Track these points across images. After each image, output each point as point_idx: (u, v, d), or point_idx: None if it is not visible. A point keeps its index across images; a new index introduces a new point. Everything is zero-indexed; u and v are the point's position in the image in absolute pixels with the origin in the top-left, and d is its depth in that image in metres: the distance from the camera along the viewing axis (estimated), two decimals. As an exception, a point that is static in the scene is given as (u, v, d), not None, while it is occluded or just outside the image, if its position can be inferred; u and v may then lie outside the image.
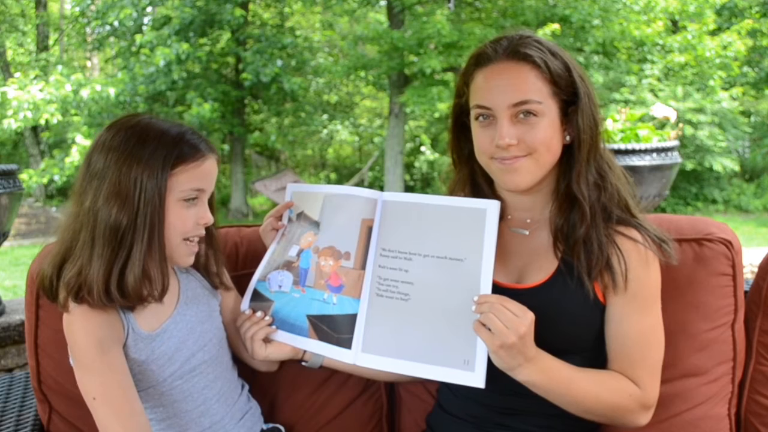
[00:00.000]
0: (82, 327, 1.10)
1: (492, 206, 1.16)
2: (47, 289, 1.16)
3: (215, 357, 1.28)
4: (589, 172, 1.19)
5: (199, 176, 1.16)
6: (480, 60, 1.20)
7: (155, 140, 1.12)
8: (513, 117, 1.16)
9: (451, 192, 1.34)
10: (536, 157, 1.17)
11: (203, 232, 1.21)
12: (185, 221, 1.16)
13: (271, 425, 1.40)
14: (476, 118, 1.21)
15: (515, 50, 1.17)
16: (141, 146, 1.11)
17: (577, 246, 1.18)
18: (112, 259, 1.10)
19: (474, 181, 1.31)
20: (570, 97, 1.18)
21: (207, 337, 1.26)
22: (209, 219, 1.19)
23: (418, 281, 1.19)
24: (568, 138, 1.20)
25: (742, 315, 1.37)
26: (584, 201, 1.18)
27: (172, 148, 1.13)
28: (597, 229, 1.18)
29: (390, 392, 1.52)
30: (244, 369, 1.38)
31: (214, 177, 1.20)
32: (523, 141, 1.16)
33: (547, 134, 1.16)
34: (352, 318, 1.23)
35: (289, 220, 1.38)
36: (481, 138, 1.20)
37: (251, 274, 1.37)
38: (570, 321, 1.18)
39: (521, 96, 1.15)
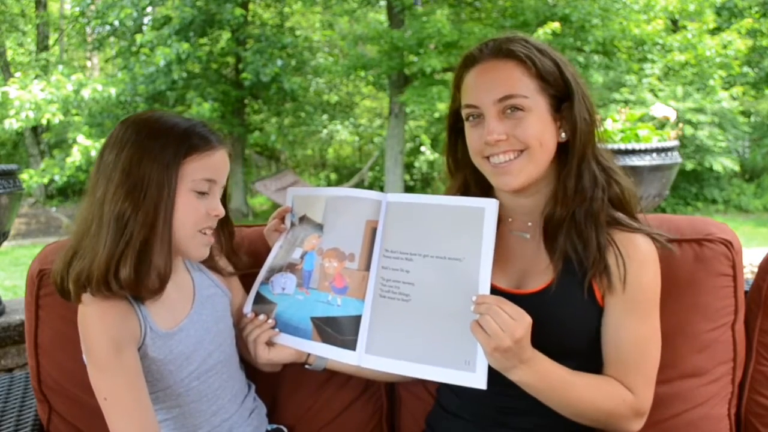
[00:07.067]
0: (97, 325, 1.09)
1: (490, 205, 1.16)
2: (59, 286, 1.16)
3: (229, 357, 1.28)
4: (587, 169, 1.18)
5: (211, 167, 1.17)
6: (467, 62, 1.22)
7: (166, 133, 1.14)
8: (500, 113, 1.17)
9: None
10: (530, 153, 1.17)
11: (215, 223, 1.21)
12: (197, 212, 1.16)
13: (274, 426, 1.40)
14: (467, 119, 1.22)
15: (499, 48, 1.18)
16: (152, 138, 1.13)
17: (569, 238, 1.17)
18: (114, 248, 1.09)
19: (467, 190, 1.31)
20: (561, 93, 1.18)
21: (222, 337, 1.27)
22: (221, 211, 1.20)
23: (418, 282, 1.19)
24: (563, 135, 1.19)
25: (743, 315, 1.37)
26: (583, 192, 1.17)
27: (183, 139, 1.14)
28: (598, 228, 1.17)
29: (390, 392, 1.52)
30: (247, 369, 1.38)
31: (226, 170, 1.21)
32: (513, 136, 1.16)
33: (537, 129, 1.16)
34: (357, 319, 1.22)
35: (292, 224, 1.37)
36: (472, 138, 1.21)
37: (252, 274, 1.37)
38: (568, 327, 1.17)
39: (506, 90, 1.16)
